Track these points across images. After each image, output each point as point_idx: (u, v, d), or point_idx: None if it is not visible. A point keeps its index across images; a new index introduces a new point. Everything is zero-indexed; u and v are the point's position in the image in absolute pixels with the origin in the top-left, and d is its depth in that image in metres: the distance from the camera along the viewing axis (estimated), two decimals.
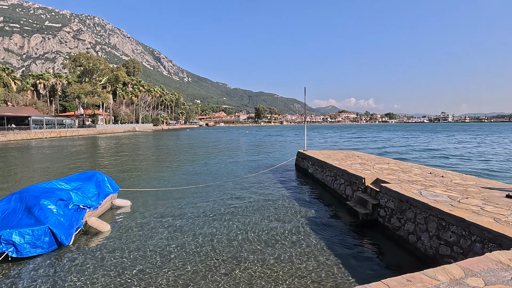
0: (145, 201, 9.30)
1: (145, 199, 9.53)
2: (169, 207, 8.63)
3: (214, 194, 10.21)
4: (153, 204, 8.94)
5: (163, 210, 8.35)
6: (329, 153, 14.04)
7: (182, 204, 8.91)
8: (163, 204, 8.96)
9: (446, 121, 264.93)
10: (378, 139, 45.04)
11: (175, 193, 10.29)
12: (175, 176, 14.00)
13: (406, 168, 9.24)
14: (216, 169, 16.07)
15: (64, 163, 19.11)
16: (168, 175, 14.31)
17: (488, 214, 4.45)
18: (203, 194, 10.15)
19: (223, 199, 9.54)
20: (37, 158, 22.24)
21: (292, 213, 7.98)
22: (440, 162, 18.47)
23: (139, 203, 9.00)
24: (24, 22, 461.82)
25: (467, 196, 5.60)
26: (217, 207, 8.57)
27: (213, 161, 19.71)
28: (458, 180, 7.32)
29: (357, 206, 7.31)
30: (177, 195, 10.08)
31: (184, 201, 9.30)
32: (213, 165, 17.70)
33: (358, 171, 8.66)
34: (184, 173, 14.66)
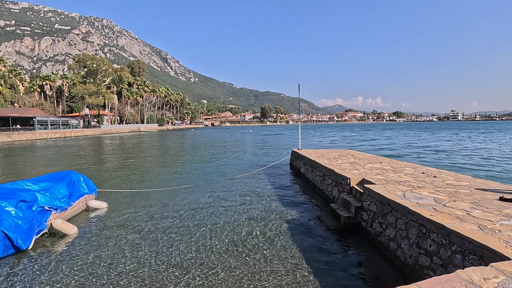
0: (125, 202, 8.94)
1: (126, 200, 9.18)
2: (149, 209, 8.25)
3: (199, 195, 9.80)
4: (132, 205, 8.58)
5: (141, 212, 7.97)
6: (323, 152, 13.49)
7: (163, 206, 8.51)
8: (143, 205, 8.59)
9: (456, 120, 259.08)
10: (379, 138, 44.02)
11: (160, 194, 9.92)
12: (167, 176, 13.66)
13: (398, 168, 8.65)
14: (209, 168, 15.68)
15: (60, 163, 19.01)
16: (160, 175, 13.98)
17: (473, 220, 3.90)
18: (188, 195, 9.74)
19: (206, 200, 9.11)
20: (37, 158, 22.27)
21: (274, 215, 7.50)
22: (437, 160, 17.67)
23: (118, 205, 8.65)
24: (35, 25, 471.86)
25: (455, 199, 5.03)
26: (198, 209, 8.15)
27: (208, 160, 19.34)
28: (451, 180, 6.72)
29: (340, 209, 6.78)
30: (161, 196, 9.70)
31: (167, 202, 8.91)
32: (207, 164, 17.33)
33: (346, 171, 8.13)
34: (176, 173, 14.31)
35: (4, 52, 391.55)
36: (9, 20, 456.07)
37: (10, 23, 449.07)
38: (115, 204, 8.64)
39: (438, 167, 14.22)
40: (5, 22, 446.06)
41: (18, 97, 60.51)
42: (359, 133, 64.12)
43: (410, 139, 39.41)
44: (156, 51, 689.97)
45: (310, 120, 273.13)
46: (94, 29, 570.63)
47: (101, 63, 58.22)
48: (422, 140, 37.81)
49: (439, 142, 33.77)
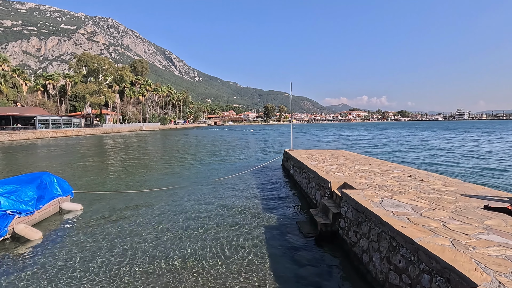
0: (102, 205, 8.63)
1: (103, 202, 8.87)
2: (124, 212, 7.93)
3: (179, 197, 9.46)
4: (108, 208, 8.26)
5: (117, 215, 7.65)
6: (314, 153, 13.06)
7: (139, 209, 8.19)
8: (119, 208, 8.27)
9: (462, 119, 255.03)
10: (377, 137, 43.27)
11: (142, 196, 9.60)
12: (154, 176, 13.35)
13: (386, 170, 8.20)
14: (200, 169, 15.35)
15: (50, 162, 18.85)
16: (148, 175, 13.69)
17: (447, 234, 3.47)
18: (169, 197, 9.41)
19: (185, 204, 8.76)
20: (30, 157, 22.18)
21: (251, 221, 7.12)
22: (434, 161, 17.09)
23: (94, 207, 8.34)
24: (41, 25, 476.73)
25: (436, 207, 4.59)
26: (173, 214, 7.80)
27: (201, 160, 19.02)
28: (438, 184, 6.26)
29: (318, 215, 6.37)
30: (143, 198, 9.38)
31: (144, 205, 8.58)
32: (199, 165, 17.00)
33: (329, 174, 7.71)
34: (165, 174, 13.99)
35: (11, 52, 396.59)
36: (16, 20, 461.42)
37: (17, 23, 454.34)
38: (90, 207, 8.34)
39: (431, 167, 13.73)
40: (12, 22, 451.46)
41: (20, 96, 60.92)
42: (358, 132, 63.34)
43: (408, 139, 38.67)
44: (161, 50, 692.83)
45: (313, 119, 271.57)
46: (99, 28, 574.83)
47: (101, 62, 58.24)
48: (420, 139, 37.04)
49: (434, 141, 33.02)
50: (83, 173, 14.44)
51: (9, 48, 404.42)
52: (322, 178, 7.32)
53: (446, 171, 13.55)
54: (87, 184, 11.80)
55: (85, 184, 11.79)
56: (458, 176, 12.37)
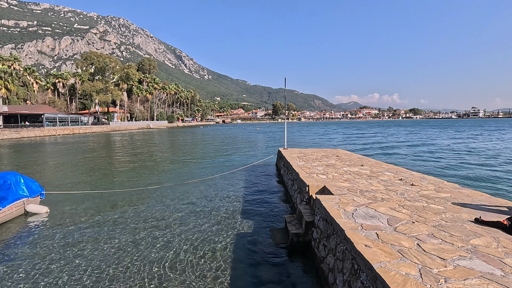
0: (72, 207, 8.18)
1: (73, 204, 8.43)
2: (96, 215, 7.45)
3: (162, 198, 8.94)
4: (77, 210, 7.81)
5: (85, 219, 7.17)
6: (308, 152, 12.33)
7: (108, 212, 7.70)
8: (88, 209, 7.82)
9: (477, 117, 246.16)
10: (381, 135, 41.83)
11: (120, 196, 9.14)
12: (143, 175, 12.92)
13: (377, 172, 7.43)
14: (192, 167, 14.86)
15: (42, 159, 18.76)
16: (136, 173, 13.26)
17: (418, 258, 2.76)
18: (150, 198, 8.90)
19: (162, 205, 8.24)
20: (33, 155, 22.24)
21: (224, 226, 6.53)
22: (429, 160, 16.03)
23: (62, 209, 7.90)
24: (55, 25, 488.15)
25: (417, 219, 3.87)
26: (145, 217, 7.27)
27: (196, 158, 18.54)
28: (429, 190, 5.49)
29: (292, 222, 5.70)
30: (122, 198, 8.92)
31: (116, 207, 8.10)
32: (193, 162, 16.52)
33: (311, 176, 7.01)
34: (154, 172, 13.55)
35: (27, 51, 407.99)
36: (32, 21, 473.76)
37: (32, 24, 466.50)
38: (58, 209, 7.90)
39: (428, 167, 12.75)
40: (27, 23, 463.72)
41: (30, 95, 62.16)
42: (364, 130, 61.71)
43: (412, 137, 37.17)
44: (171, 49, 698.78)
45: (323, 117, 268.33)
46: (111, 28, 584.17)
47: (107, 60, 58.67)
48: (426, 138, 35.53)
49: (440, 140, 31.53)
50: (72, 172, 14.16)
51: (25, 48, 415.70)
52: (302, 180, 6.64)
53: (443, 171, 12.59)
54: (71, 183, 11.46)
55: (69, 183, 11.45)
56: (458, 178, 11.42)
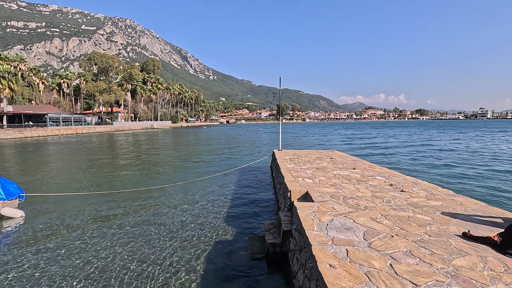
0: (54, 209, 7.92)
1: (58, 206, 8.18)
2: (75, 219, 7.16)
3: (147, 201, 8.63)
4: (54, 214, 7.53)
5: (57, 225, 6.87)
6: (302, 154, 11.90)
7: (90, 216, 7.41)
8: (65, 212, 7.54)
9: (485, 118, 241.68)
10: (382, 136, 41.05)
11: (99, 199, 8.86)
12: (130, 176, 12.66)
13: (368, 176, 6.99)
14: (182, 168, 14.55)
15: (45, 159, 18.66)
16: (126, 175, 13.00)
17: (386, 283, 2.36)
18: (133, 201, 8.60)
19: (147, 209, 7.93)
20: (31, 155, 22.22)
21: (204, 233, 6.18)
22: (424, 160, 15.43)
23: (41, 213, 7.63)
24: (63, 26, 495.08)
25: (397, 232, 3.45)
26: (119, 223, 6.96)
27: (191, 158, 18.23)
28: (420, 197, 5.05)
29: (271, 231, 5.31)
30: (100, 201, 8.62)
31: (92, 211, 7.81)
32: (187, 163, 16.22)
33: (297, 180, 6.61)
34: (145, 174, 13.27)
35: (36, 52, 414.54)
36: (40, 22, 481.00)
37: (41, 25, 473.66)
38: (35, 212, 7.63)
39: (425, 170, 12.15)
40: (36, 24, 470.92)
41: (35, 95, 62.81)
42: (367, 131, 60.82)
43: (412, 138, 36.34)
44: (177, 49, 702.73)
45: (327, 117, 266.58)
46: (118, 29, 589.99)
47: (110, 60, 58.93)
48: (426, 139, 34.71)
49: (439, 141, 30.71)
50: (62, 173, 13.96)
51: (33, 49, 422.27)
52: (286, 185, 6.24)
53: (439, 175, 12.04)
54: (57, 184, 11.23)
55: (56, 184, 11.23)
56: (450, 178, 10.88)
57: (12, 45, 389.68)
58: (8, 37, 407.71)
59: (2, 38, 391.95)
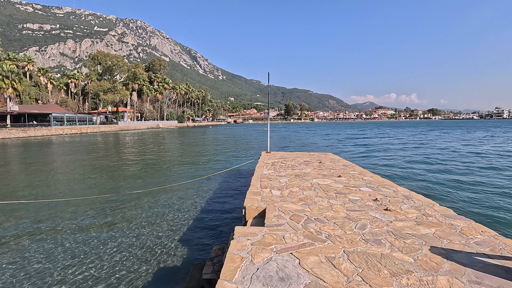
0: (7, 219, 7.03)
1: (14, 215, 7.29)
2: (20, 229, 6.25)
3: (112, 208, 7.67)
4: (4, 225, 6.64)
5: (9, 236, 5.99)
6: (290, 157, 10.70)
7: (44, 224, 6.48)
8: (19, 224, 6.63)
9: (501, 117, 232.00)
10: (388, 136, 39.11)
11: (63, 206, 7.94)
12: (110, 180, 11.76)
13: (351, 187, 5.77)
14: (171, 171, 13.59)
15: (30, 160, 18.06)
16: (104, 179, 12.11)
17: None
18: (92, 211, 7.65)
19: (105, 217, 6.95)
20: (23, 155, 21.77)
21: (147, 255, 5.12)
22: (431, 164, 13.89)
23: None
24: (77, 28, 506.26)
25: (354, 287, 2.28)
26: (64, 238, 5.98)
27: (182, 160, 17.26)
28: (407, 219, 3.83)
29: (214, 260, 4.18)
30: (62, 209, 7.71)
31: (55, 219, 6.87)
32: (175, 165, 15.25)
33: (263, 191, 5.45)
34: (117, 178, 12.34)
35: (50, 54, 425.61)
36: (55, 24, 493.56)
37: (55, 27, 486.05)
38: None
39: (424, 177, 10.56)
40: (51, 26, 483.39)
41: (42, 95, 63.47)
42: (374, 131, 58.72)
43: (421, 138, 34.35)
44: (186, 50, 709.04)
45: (336, 117, 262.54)
46: (129, 30, 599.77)
47: (114, 59, 58.86)
48: (432, 140, 32.72)
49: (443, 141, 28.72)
50: (41, 177, 13.19)
51: (48, 50, 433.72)
52: (246, 198, 5.10)
53: (440, 184, 10.60)
54: (28, 188, 10.41)
55: (26, 188, 10.42)
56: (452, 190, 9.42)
57: (28, 46, 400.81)
58: (24, 39, 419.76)
59: (18, 40, 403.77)
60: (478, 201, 8.20)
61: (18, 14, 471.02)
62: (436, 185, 10.20)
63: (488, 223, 6.28)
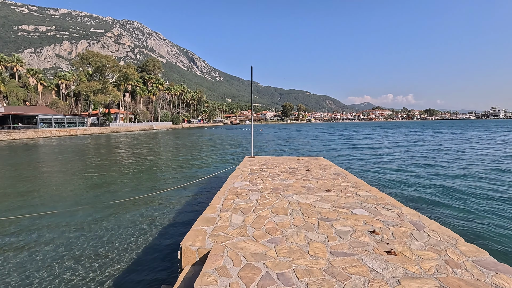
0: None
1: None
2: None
3: (51, 227, 6.16)
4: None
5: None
6: (275, 162, 9.26)
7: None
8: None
9: (497, 118, 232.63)
10: (387, 137, 37.85)
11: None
12: (74, 191, 10.25)
13: (340, 209, 4.34)
14: (144, 178, 12.10)
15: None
16: (55, 190, 10.60)
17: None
18: (31, 230, 6.15)
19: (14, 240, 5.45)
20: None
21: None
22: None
23: None
24: (73, 29, 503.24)
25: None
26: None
27: (158, 164, 15.76)
28: (424, 272, 2.41)
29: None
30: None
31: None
32: (154, 171, 13.76)
33: (221, 216, 4.01)
34: (80, 188, 10.83)
35: (46, 55, 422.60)
36: (50, 26, 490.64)
37: (51, 28, 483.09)
38: None
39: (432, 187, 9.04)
40: (46, 28, 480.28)
41: (30, 96, 61.62)
42: (370, 132, 57.49)
43: (411, 138, 33.09)
44: (183, 51, 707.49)
45: (333, 118, 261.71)
46: (126, 31, 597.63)
47: (104, 60, 57.13)
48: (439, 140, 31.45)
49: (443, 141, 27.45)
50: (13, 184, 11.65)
51: (43, 52, 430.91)
52: (190, 230, 3.65)
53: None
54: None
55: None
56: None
57: (23, 48, 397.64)
58: (19, 40, 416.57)
59: (14, 42, 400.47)
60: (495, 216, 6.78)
61: (14, 16, 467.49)
62: (434, 192, 8.78)
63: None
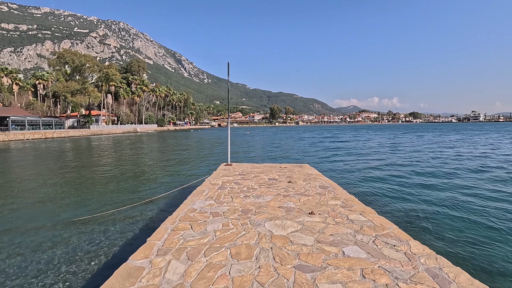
0: None
1: None
2: None
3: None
4: None
5: None
6: (254, 171, 8.05)
7: None
8: None
9: (477, 121, 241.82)
10: (377, 140, 37.51)
11: None
12: (30, 203, 8.68)
13: (326, 244, 3.17)
14: (97, 193, 10.62)
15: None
16: (27, 199, 9.00)
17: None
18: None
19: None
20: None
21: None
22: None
23: None
24: (55, 29, 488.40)
25: None
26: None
27: (128, 171, 14.26)
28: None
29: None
30: None
31: None
32: (112, 181, 12.27)
33: (155, 264, 2.76)
34: (26, 202, 9.27)
35: (26, 55, 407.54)
36: (31, 25, 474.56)
37: (32, 27, 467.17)
38: None
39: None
40: (27, 27, 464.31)
41: (3, 96, 58.08)
42: (358, 135, 57.37)
43: (419, 141, 32.81)
44: (171, 52, 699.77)
45: (321, 121, 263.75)
46: (111, 32, 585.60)
47: (83, 59, 54.41)
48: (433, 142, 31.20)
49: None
50: None
51: (24, 52, 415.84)
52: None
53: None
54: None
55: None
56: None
57: (2, 47, 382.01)
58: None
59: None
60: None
61: None
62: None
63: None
